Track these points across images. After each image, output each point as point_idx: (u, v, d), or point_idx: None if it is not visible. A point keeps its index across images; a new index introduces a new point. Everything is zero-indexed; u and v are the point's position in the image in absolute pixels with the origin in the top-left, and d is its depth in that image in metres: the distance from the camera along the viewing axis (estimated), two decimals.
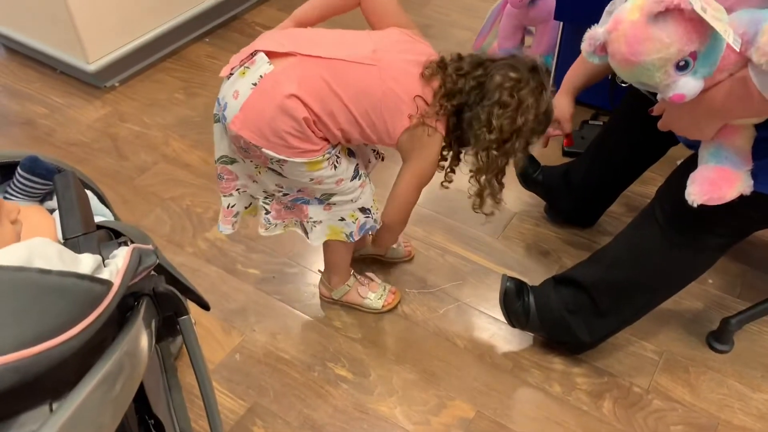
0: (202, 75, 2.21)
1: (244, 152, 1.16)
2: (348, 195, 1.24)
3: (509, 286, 1.35)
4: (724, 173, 1.01)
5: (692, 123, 1.01)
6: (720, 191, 1.01)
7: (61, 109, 2.08)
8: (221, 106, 1.13)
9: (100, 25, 2.01)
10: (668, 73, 0.89)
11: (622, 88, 1.82)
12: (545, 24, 1.97)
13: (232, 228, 1.32)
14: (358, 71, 1.11)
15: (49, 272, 0.43)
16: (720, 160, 1.02)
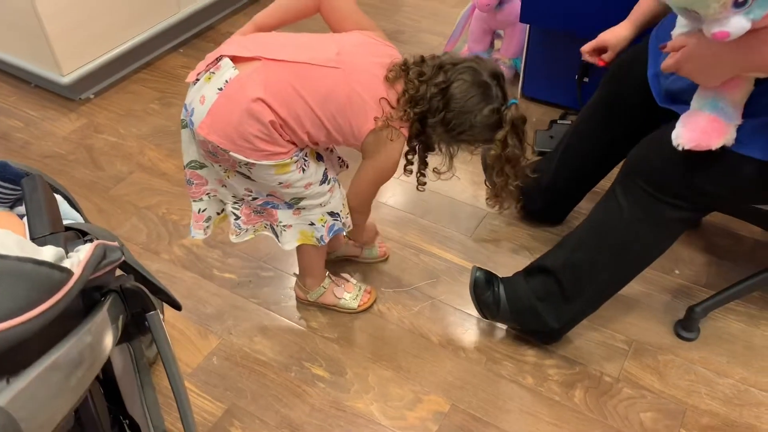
0: (177, 85, 2.22)
1: (213, 156, 1.18)
2: (317, 199, 1.26)
3: (479, 276, 1.38)
4: (716, 123, 1.04)
5: (711, 66, 0.99)
6: (708, 140, 1.04)
7: (36, 122, 2.09)
8: (188, 112, 1.15)
9: (74, 37, 2.03)
10: (725, 5, 0.86)
11: (590, 87, 1.87)
12: (513, 27, 2.02)
13: (203, 233, 1.34)
14: (323, 74, 1.13)
15: (6, 257, 0.45)
16: (716, 110, 1.03)
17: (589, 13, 1.68)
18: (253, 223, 1.33)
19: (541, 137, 1.89)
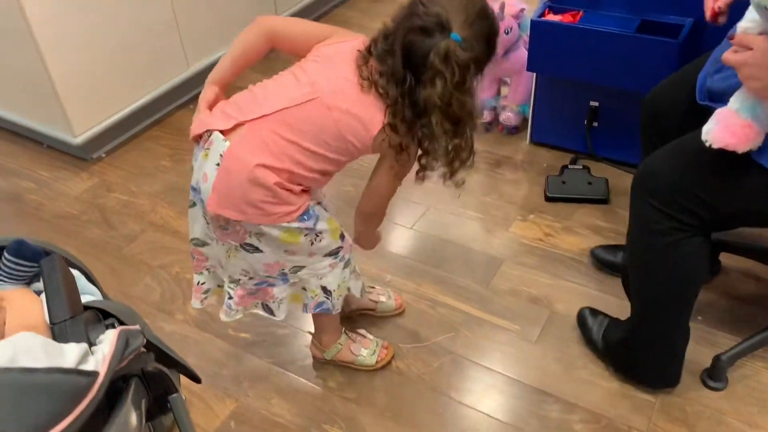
0: (188, 141, 2.20)
1: (223, 230, 1.19)
2: (316, 270, 1.27)
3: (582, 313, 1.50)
4: (749, 129, 1.02)
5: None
6: (737, 143, 1.03)
7: (48, 183, 2.10)
8: (196, 191, 1.17)
9: (85, 98, 2.05)
10: None
11: (599, 131, 1.87)
12: (519, 75, 2.03)
13: (201, 303, 1.38)
14: (305, 111, 1.11)
15: (34, 371, 0.44)
16: (753, 116, 1.02)
17: (594, 61, 1.69)
18: (244, 304, 1.35)
19: (553, 183, 1.88)
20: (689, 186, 1.11)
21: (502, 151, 2.08)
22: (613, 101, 1.84)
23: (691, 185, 1.11)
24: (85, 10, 1.96)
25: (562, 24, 1.71)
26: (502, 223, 1.82)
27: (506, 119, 2.12)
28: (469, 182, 1.93)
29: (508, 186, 1.95)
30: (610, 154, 1.93)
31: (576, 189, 1.85)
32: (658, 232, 1.16)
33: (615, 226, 1.76)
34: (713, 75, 1.17)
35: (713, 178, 1.10)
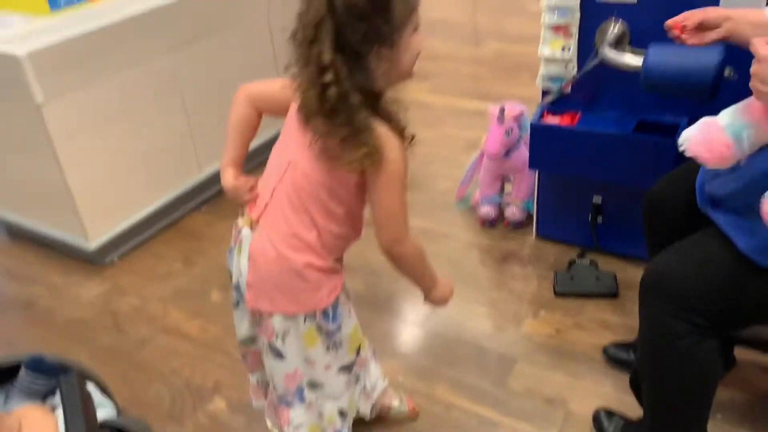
0: (200, 244, 2.28)
1: (257, 325, 1.23)
2: (333, 390, 1.27)
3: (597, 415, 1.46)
4: (726, 150, 1.05)
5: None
6: (711, 158, 1.06)
7: (61, 289, 2.12)
8: (238, 290, 1.22)
9: (101, 205, 2.12)
10: None
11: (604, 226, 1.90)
12: (522, 172, 2.09)
13: (259, 401, 1.42)
14: (291, 182, 1.12)
15: None
16: (736, 138, 1.04)
17: (594, 160, 1.74)
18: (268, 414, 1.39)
19: (561, 278, 1.89)
20: (700, 288, 1.12)
21: (508, 246, 2.11)
22: (616, 196, 1.88)
23: (701, 288, 1.12)
24: (105, 125, 2.06)
25: (561, 127, 1.77)
26: (513, 320, 1.82)
27: (511, 215, 2.16)
28: (478, 277, 1.98)
29: (517, 282, 1.96)
30: (617, 248, 1.95)
31: (584, 284, 1.86)
32: (670, 335, 1.15)
33: (625, 320, 1.76)
34: (711, 181, 1.21)
35: (723, 281, 1.12)
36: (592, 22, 1.68)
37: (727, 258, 1.09)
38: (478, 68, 3.44)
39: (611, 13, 1.66)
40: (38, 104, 1.86)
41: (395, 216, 1.11)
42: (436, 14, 4.24)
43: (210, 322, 1.93)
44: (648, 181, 1.50)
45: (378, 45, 0.99)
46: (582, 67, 1.73)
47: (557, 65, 1.77)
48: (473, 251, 2.11)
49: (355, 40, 0.98)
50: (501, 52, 3.57)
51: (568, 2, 1.67)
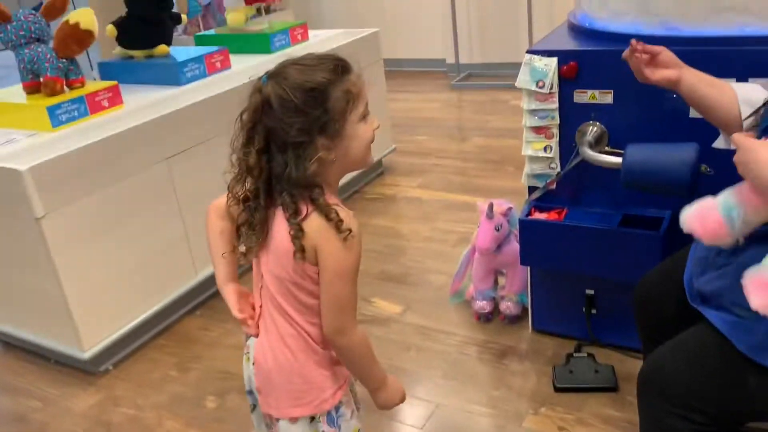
0: (195, 348, 2.27)
1: (269, 428, 1.22)
2: None
3: None
4: (719, 228, 1.08)
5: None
6: (704, 234, 1.08)
7: (54, 401, 2.09)
8: (252, 395, 1.23)
9: (96, 313, 2.11)
10: None
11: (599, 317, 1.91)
12: (514, 266, 2.12)
13: None
14: (268, 286, 1.14)
15: None
16: (727, 216, 1.07)
17: (582, 254, 1.78)
18: None
19: (560, 373, 1.88)
20: (698, 388, 1.13)
21: (505, 341, 2.11)
22: (608, 289, 1.90)
23: (699, 387, 1.13)
24: (103, 234, 2.09)
25: (549, 222, 1.82)
26: (514, 419, 1.80)
27: (506, 309, 2.17)
28: (476, 376, 1.97)
29: (515, 378, 1.95)
30: (613, 339, 1.96)
31: (584, 378, 1.85)
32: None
33: (627, 415, 1.73)
34: (699, 277, 1.24)
35: (721, 379, 1.12)
36: (572, 122, 1.77)
37: (724, 356, 1.10)
38: (465, 163, 3.55)
39: (589, 114, 1.75)
40: (38, 217, 1.90)
41: (340, 307, 1.10)
42: (425, 114, 4.42)
43: (206, 431, 1.89)
44: (636, 274, 1.53)
45: (318, 136, 1.03)
46: (565, 165, 1.81)
47: (541, 164, 1.85)
48: (471, 348, 2.10)
49: (292, 134, 1.02)
50: (486, 146, 3.70)
51: (547, 105, 1.76)
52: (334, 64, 1.06)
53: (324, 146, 1.04)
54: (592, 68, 1.70)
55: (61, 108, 2.15)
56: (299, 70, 1.04)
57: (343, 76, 1.06)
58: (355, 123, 1.07)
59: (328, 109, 1.03)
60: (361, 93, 1.08)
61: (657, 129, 1.65)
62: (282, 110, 1.02)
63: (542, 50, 1.75)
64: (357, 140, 1.08)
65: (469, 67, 5.10)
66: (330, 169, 1.08)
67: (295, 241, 1.05)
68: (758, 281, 1.02)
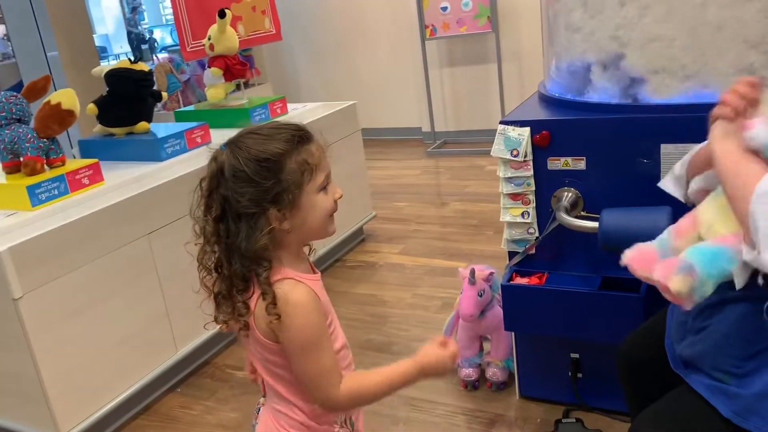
0: (176, 427, 2.20)
1: None
2: None
3: None
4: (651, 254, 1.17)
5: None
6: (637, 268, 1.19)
7: None
8: None
9: (73, 395, 2.05)
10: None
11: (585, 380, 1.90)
12: (498, 331, 2.12)
13: None
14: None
15: None
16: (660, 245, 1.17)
17: (565, 318, 1.79)
18: None
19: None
20: None
21: (493, 409, 2.08)
22: (593, 352, 1.90)
23: None
24: (82, 312, 2.06)
25: (531, 286, 1.84)
26: None
27: (493, 375, 2.15)
28: None
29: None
30: (601, 403, 1.94)
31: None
32: None
33: None
34: (679, 342, 1.25)
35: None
36: (547, 188, 1.81)
37: (709, 420, 1.11)
38: (445, 228, 3.59)
39: (563, 180, 1.79)
40: (15, 298, 1.87)
41: (312, 380, 1.07)
42: (404, 180, 4.49)
43: None
44: (619, 335, 1.54)
45: (270, 207, 1.03)
46: (543, 229, 1.84)
47: (520, 229, 1.88)
48: (459, 417, 2.07)
49: (243, 204, 1.02)
50: (464, 211, 3.75)
51: (522, 173, 1.81)
52: (291, 134, 1.05)
53: (277, 217, 1.04)
54: (563, 136, 1.76)
55: (41, 187, 2.15)
56: (255, 140, 1.04)
57: (299, 146, 1.05)
58: (312, 194, 1.06)
59: (282, 180, 1.03)
60: (320, 164, 1.07)
61: (630, 193, 1.69)
62: (233, 179, 1.03)
63: (515, 120, 1.81)
64: (315, 211, 1.07)
65: (445, 135, 5.23)
66: (286, 239, 1.07)
67: (240, 318, 1.06)
68: (668, 262, 1.08)
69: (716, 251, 1.05)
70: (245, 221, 1.03)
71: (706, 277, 1.03)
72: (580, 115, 1.75)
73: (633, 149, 1.66)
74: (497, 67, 4.75)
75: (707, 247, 1.07)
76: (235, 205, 1.03)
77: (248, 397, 2.31)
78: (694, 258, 1.05)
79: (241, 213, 1.03)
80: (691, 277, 1.03)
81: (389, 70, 5.44)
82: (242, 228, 1.03)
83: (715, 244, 1.07)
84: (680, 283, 1.03)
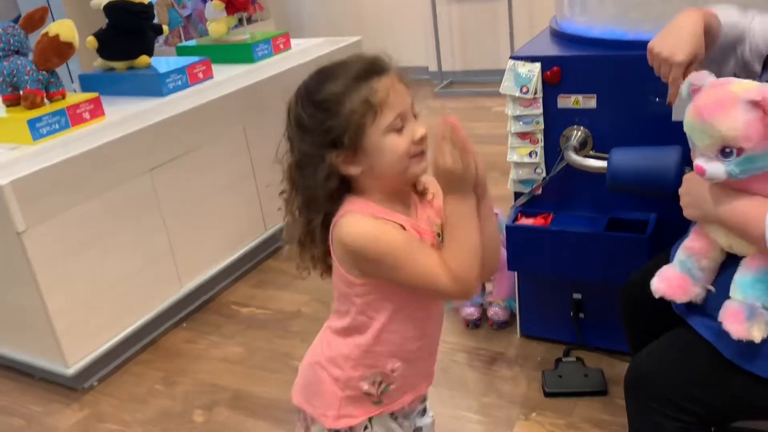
0: (181, 362, 2.24)
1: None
2: None
3: None
4: (683, 281, 1.17)
5: (695, 202, 1.12)
6: (673, 294, 1.18)
7: (38, 418, 2.05)
8: None
9: (80, 328, 2.08)
10: (712, 147, 0.99)
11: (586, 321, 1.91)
12: (501, 272, 2.12)
13: None
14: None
15: None
16: (684, 269, 1.17)
17: (569, 259, 1.79)
18: None
19: (550, 378, 1.88)
20: (684, 386, 1.14)
21: (494, 347, 2.10)
22: (595, 293, 1.91)
23: (685, 385, 1.13)
24: (86, 247, 2.07)
25: (535, 227, 1.83)
26: (505, 425, 1.79)
27: (494, 315, 2.17)
28: (467, 382, 1.96)
29: (505, 384, 1.94)
30: (601, 343, 1.96)
31: (573, 383, 1.85)
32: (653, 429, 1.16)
33: (617, 418, 1.74)
34: None
35: (705, 379, 1.13)
36: (556, 127, 1.78)
37: (711, 359, 1.11)
38: None
39: (573, 119, 1.76)
40: (19, 232, 1.87)
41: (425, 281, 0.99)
42: None
43: None
44: (622, 276, 1.53)
45: (330, 150, 0.96)
46: (550, 170, 1.81)
47: (526, 169, 1.85)
48: (461, 355, 2.10)
49: (306, 150, 0.99)
50: None
51: (532, 111, 1.77)
52: (356, 71, 0.97)
53: (340, 162, 0.97)
54: (575, 73, 1.71)
55: (41, 121, 2.12)
56: (315, 81, 0.99)
57: (362, 84, 0.96)
58: (378, 135, 0.96)
59: (338, 122, 0.95)
60: (387, 102, 0.96)
61: (640, 132, 1.66)
62: (296, 125, 1.00)
63: (526, 56, 1.76)
64: (384, 154, 0.96)
65: (452, 75, 5.13)
66: (364, 184, 1.00)
67: (319, 264, 1.07)
68: (729, 312, 1.07)
69: (758, 278, 1.07)
70: (312, 166, 0.99)
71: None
72: (592, 51, 1.70)
73: (645, 88, 1.62)
74: (507, 3, 4.61)
75: (747, 278, 1.08)
76: (302, 149, 1.00)
77: (253, 332, 2.34)
78: (747, 295, 1.07)
79: (308, 158, 0.99)
80: (761, 316, 1.06)
81: (395, 6, 5.29)
82: (310, 174, 0.99)
83: (752, 271, 1.08)
84: (759, 330, 1.05)
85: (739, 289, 1.08)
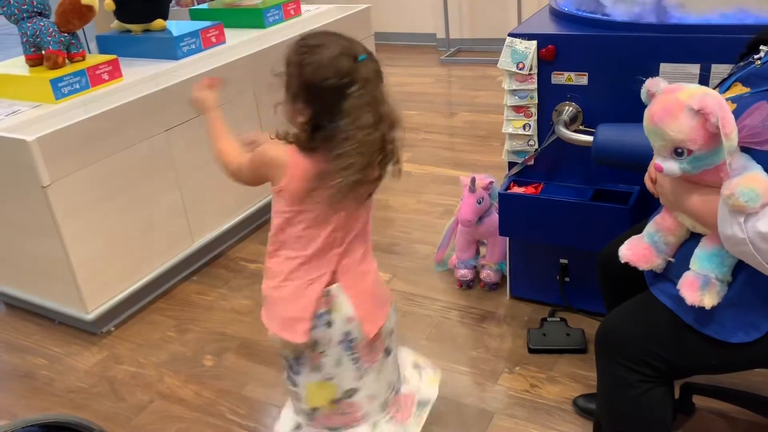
0: (192, 311, 2.39)
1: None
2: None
3: None
4: (648, 252, 1.30)
5: (666, 193, 1.25)
6: (637, 261, 1.32)
7: (59, 358, 2.21)
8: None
9: (100, 278, 2.23)
10: (666, 148, 1.12)
11: (572, 284, 2.04)
12: (494, 237, 2.25)
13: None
14: None
15: None
16: (652, 242, 1.30)
17: (556, 226, 1.91)
18: None
19: (534, 335, 2.03)
20: (646, 343, 1.26)
21: (485, 307, 2.25)
22: (580, 258, 2.04)
23: (647, 343, 1.26)
24: (105, 202, 2.20)
25: (526, 195, 1.95)
26: (490, 377, 1.94)
27: (486, 276, 2.31)
28: (457, 337, 2.11)
29: (493, 340, 2.09)
30: (584, 305, 2.10)
31: (556, 340, 2.00)
32: (623, 384, 1.29)
33: (592, 373, 1.84)
34: None
35: (665, 338, 1.26)
36: (549, 102, 1.88)
37: (670, 321, 1.24)
38: (453, 138, 3.66)
39: (565, 95, 1.86)
40: (44, 186, 2.00)
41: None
42: (416, 89, 4.51)
43: (204, 387, 2.03)
44: (605, 244, 1.66)
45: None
46: (542, 142, 1.93)
47: (520, 141, 1.96)
48: (453, 312, 2.24)
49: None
50: (473, 122, 3.81)
51: (527, 86, 1.88)
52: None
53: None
54: (568, 51, 1.81)
55: (63, 81, 2.24)
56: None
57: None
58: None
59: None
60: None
61: (628, 109, 1.75)
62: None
63: (523, 33, 1.85)
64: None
65: (459, 42, 5.18)
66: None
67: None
68: (687, 282, 1.20)
69: (714, 253, 1.20)
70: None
71: (722, 277, 1.19)
72: (586, 31, 1.79)
73: (633, 67, 1.71)
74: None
75: (706, 252, 1.21)
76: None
77: (259, 286, 2.46)
78: (704, 266, 1.20)
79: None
80: (713, 286, 1.19)
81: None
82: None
83: (709, 247, 1.20)
84: (711, 298, 1.18)
85: (697, 261, 1.21)
